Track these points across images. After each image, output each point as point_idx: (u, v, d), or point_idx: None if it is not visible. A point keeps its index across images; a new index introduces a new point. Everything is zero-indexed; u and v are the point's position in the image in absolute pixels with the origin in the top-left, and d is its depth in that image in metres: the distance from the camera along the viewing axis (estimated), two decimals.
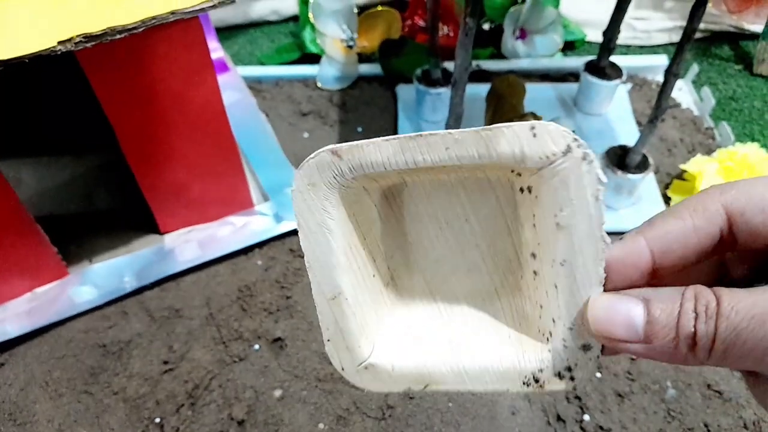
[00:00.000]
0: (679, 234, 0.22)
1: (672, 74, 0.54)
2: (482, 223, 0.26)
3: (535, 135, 0.23)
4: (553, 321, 0.24)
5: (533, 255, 0.25)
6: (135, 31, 0.42)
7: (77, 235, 0.62)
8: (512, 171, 0.24)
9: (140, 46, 0.46)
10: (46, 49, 0.38)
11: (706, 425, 0.50)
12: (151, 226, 0.61)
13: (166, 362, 0.54)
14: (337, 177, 0.25)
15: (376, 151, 0.24)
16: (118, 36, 0.42)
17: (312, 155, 0.25)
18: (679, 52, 0.53)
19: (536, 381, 0.25)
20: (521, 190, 0.25)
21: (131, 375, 0.53)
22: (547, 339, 0.25)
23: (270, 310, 0.57)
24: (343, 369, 0.27)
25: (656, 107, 0.57)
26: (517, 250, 0.26)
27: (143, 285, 0.58)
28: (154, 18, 0.42)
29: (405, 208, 0.27)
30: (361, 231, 0.27)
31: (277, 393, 0.52)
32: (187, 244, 0.61)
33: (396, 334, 0.27)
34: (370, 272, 0.27)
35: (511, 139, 0.23)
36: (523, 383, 0.25)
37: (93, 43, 0.41)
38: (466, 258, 0.27)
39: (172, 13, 0.43)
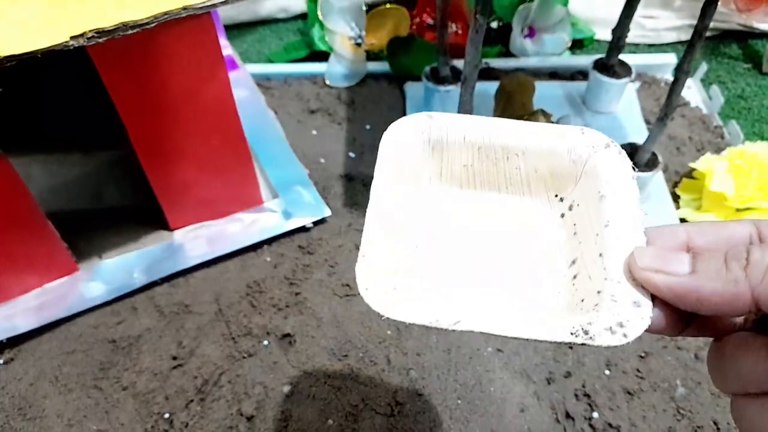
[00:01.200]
0: (720, 231, 0.25)
1: (683, 72, 0.54)
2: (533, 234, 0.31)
3: (583, 133, 0.31)
4: (600, 287, 0.26)
5: (577, 250, 0.29)
6: (147, 27, 0.42)
7: (87, 232, 0.62)
8: (556, 195, 0.31)
9: (152, 41, 0.46)
10: (58, 44, 0.39)
11: (715, 423, 0.50)
12: (160, 223, 0.61)
13: (175, 358, 0.54)
14: (424, 132, 0.31)
15: (458, 120, 0.31)
16: (130, 31, 0.42)
17: (410, 115, 0.32)
18: (690, 50, 0.53)
19: (585, 333, 0.25)
20: (561, 214, 0.31)
21: (141, 370, 0.53)
22: (596, 304, 0.26)
23: (279, 306, 0.57)
24: (367, 289, 0.27)
25: (666, 105, 0.56)
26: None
27: (153, 281, 0.58)
28: (166, 13, 0.43)
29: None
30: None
31: (286, 389, 0.52)
32: (197, 241, 0.61)
33: (434, 267, 0.29)
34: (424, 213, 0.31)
35: (566, 133, 0.31)
36: (571, 333, 0.25)
37: (105, 38, 0.41)
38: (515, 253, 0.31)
39: (185, 8, 0.43)
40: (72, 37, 0.39)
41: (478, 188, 0.32)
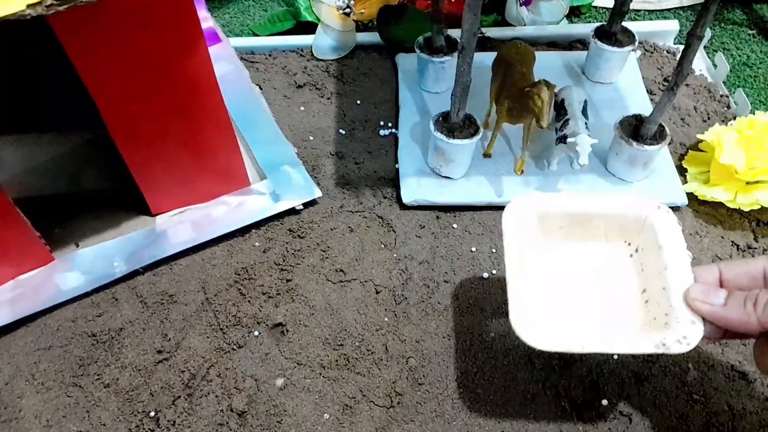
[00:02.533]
0: (742, 267, 0.40)
1: (696, 37, 0.51)
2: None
3: (640, 200, 0.46)
4: (666, 313, 0.41)
5: (646, 282, 0.44)
6: None
7: (63, 218, 0.58)
8: (625, 242, 0.47)
9: (121, 11, 0.41)
10: (14, 14, 0.34)
11: (730, 407, 0.48)
12: (141, 207, 0.58)
13: (160, 351, 0.51)
14: (533, 207, 0.47)
15: (555, 198, 0.48)
16: None
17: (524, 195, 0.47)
18: (704, 12, 0.49)
19: (663, 345, 0.39)
20: (630, 255, 0.47)
21: (123, 366, 0.50)
22: (666, 324, 0.40)
23: (269, 293, 0.54)
24: (517, 328, 0.41)
25: (676, 73, 0.53)
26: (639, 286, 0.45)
27: (134, 269, 0.55)
28: None
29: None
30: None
31: (279, 382, 0.49)
32: (181, 226, 0.57)
33: (552, 300, 0.45)
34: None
35: (628, 200, 0.47)
36: (655, 346, 0.39)
37: (66, 6, 0.37)
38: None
39: None
40: (29, 6, 0.35)
41: (571, 240, 0.48)
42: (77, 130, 0.63)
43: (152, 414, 0.48)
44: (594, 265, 0.46)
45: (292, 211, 0.60)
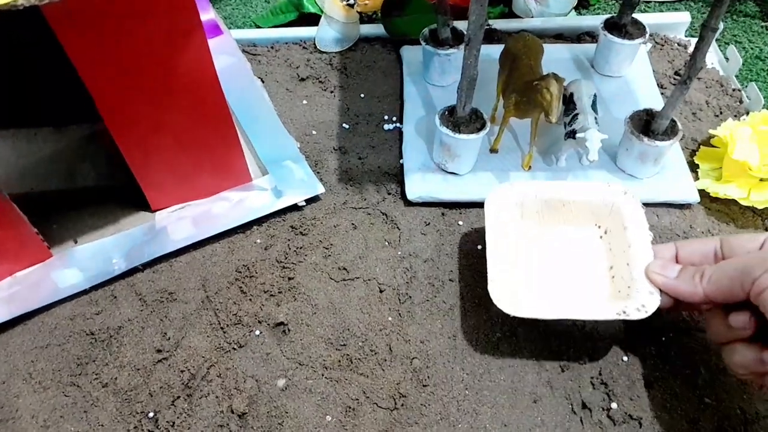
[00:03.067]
0: (696, 246, 0.46)
1: (710, 29, 0.49)
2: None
3: (609, 186, 0.52)
4: (629, 286, 0.47)
5: (613, 260, 0.50)
6: None
7: (60, 214, 0.57)
8: (596, 225, 0.53)
9: (119, 5, 0.40)
10: (6, 4, 0.33)
11: (743, 411, 0.47)
12: (140, 203, 0.57)
13: (159, 350, 0.50)
14: (511, 196, 0.52)
15: (531, 186, 0.52)
16: None
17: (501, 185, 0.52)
18: (718, 4, 0.48)
19: (624, 312, 0.45)
20: (600, 237, 0.52)
21: (122, 365, 0.49)
22: (628, 294, 0.46)
23: (271, 292, 0.53)
24: (498, 300, 0.46)
25: (690, 66, 0.52)
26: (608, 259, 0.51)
27: (133, 267, 0.54)
28: None
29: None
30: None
31: (281, 383, 0.48)
32: (180, 222, 0.56)
33: (536, 286, 0.50)
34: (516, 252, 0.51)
35: (598, 187, 0.52)
36: (616, 313, 0.45)
37: None
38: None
39: None
40: None
41: (546, 224, 0.53)
42: (75, 124, 0.62)
43: (151, 415, 0.47)
44: (568, 245, 0.52)
45: (294, 208, 0.58)
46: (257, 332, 0.51)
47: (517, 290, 0.47)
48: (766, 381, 0.41)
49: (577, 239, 0.52)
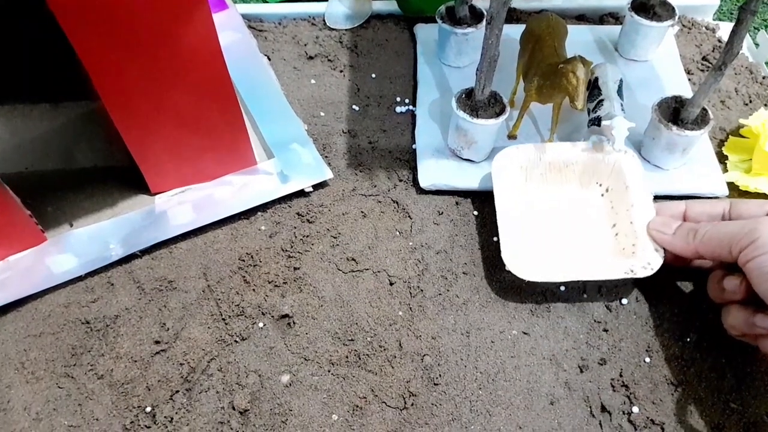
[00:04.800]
0: (705, 207, 0.47)
1: (749, 12, 0.46)
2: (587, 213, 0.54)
3: (608, 146, 0.53)
4: (633, 243, 0.49)
5: (616, 218, 0.52)
6: None
7: (56, 196, 0.54)
8: (597, 183, 0.54)
9: None
10: None
11: None
12: (140, 186, 0.54)
13: (157, 342, 0.47)
14: (516, 158, 0.53)
15: (534, 148, 0.53)
16: None
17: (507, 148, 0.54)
18: None
19: (632, 271, 0.47)
20: (602, 195, 0.54)
21: (118, 356, 0.47)
22: (633, 252, 0.48)
23: (276, 282, 0.50)
24: (511, 265, 0.47)
25: (726, 51, 0.48)
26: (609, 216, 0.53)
27: (131, 253, 0.51)
28: None
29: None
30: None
31: (285, 378, 0.46)
32: (181, 207, 0.53)
33: (544, 249, 0.51)
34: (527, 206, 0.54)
35: (598, 148, 0.53)
36: (624, 273, 0.47)
37: None
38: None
39: None
40: None
41: (551, 185, 0.55)
42: (72, 101, 0.59)
43: (148, 409, 0.44)
44: (571, 205, 0.53)
45: (301, 194, 0.56)
46: (260, 324, 0.48)
47: (527, 254, 0.49)
48: (760, 342, 0.43)
49: (579, 199, 0.54)
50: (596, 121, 0.53)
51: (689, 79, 0.65)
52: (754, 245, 0.39)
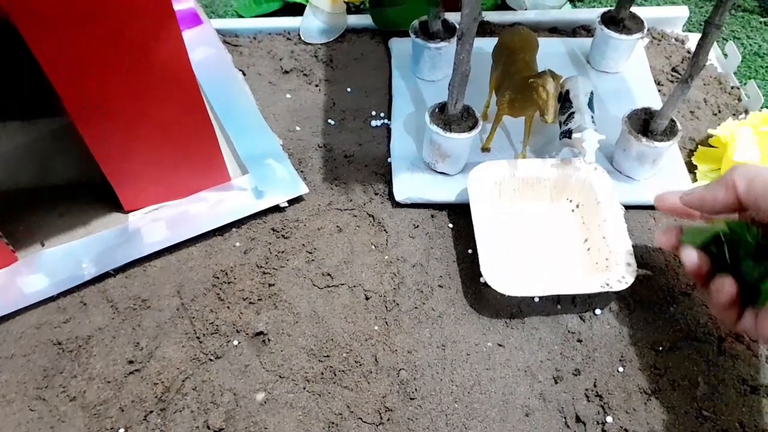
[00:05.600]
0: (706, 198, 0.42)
1: (714, 26, 0.47)
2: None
3: (579, 162, 0.54)
4: (607, 258, 0.50)
5: (587, 233, 0.53)
6: None
7: (28, 214, 0.54)
8: (567, 199, 0.56)
9: None
10: None
11: (742, 425, 0.45)
12: (114, 203, 0.54)
13: (131, 362, 0.47)
14: (491, 174, 0.54)
15: (508, 164, 0.54)
16: None
17: (484, 163, 0.55)
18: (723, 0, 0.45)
19: (607, 284, 0.47)
20: (572, 210, 0.55)
21: (91, 377, 0.46)
22: (606, 267, 0.49)
23: (250, 299, 0.50)
24: (491, 281, 0.48)
25: (692, 65, 0.49)
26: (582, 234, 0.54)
27: (105, 272, 0.51)
28: None
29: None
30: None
31: (260, 396, 0.46)
32: (155, 224, 0.53)
33: (521, 263, 0.52)
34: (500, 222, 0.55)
35: (570, 164, 0.54)
36: (600, 287, 0.47)
37: None
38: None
39: None
40: None
41: (523, 201, 0.56)
42: (43, 117, 0.59)
43: (122, 431, 0.44)
44: (543, 220, 0.55)
45: (276, 209, 0.56)
46: (235, 342, 0.48)
47: (504, 269, 0.50)
48: (738, 326, 0.40)
49: (551, 214, 0.55)
50: (567, 134, 0.54)
51: (659, 90, 0.66)
52: None
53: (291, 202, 0.56)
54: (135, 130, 0.47)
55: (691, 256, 0.42)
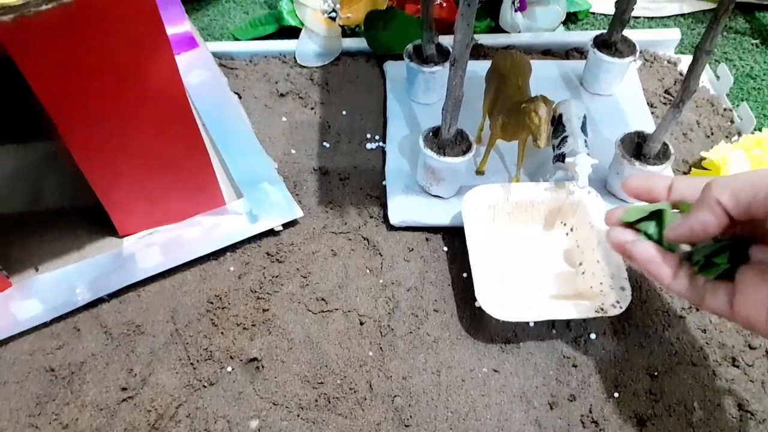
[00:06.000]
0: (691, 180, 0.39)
1: (704, 51, 0.47)
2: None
3: (573, 187, 0.54)
4: (601, 282, 0.49)
5: (581, 257, 0.53)
6: (65, 0, 0.34)
7: (21, 239, 0.54)
8: (561, 222, 0.56)
9: (75, 19, 0.37)
10: None
11: None
12: (108, 228, 0.53)
13: (124, 388, 0.47)
14: (485, 198, 0.54)
15: (502, 188, 0.54)
16: (44, 6, 0.34)
17: (477, 187, 0.55)
18: (713, 26, 0.46)
19: (602, 309, 0.47)
20: (566, 234, 0.56)
21: (84, 404, 0.46)
22: (601, 291, 0.49)
23: (244, 325, 0.50)
24: (486, 306, 0.48)
25: (683, 90, 0.50)
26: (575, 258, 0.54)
27: (98, 297, 0.51)
28: None
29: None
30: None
31: (254, 424, 0.45)
32: (149, 249, 0.53)
33: (515, 288, 0.52)
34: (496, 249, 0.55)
35: (564, 188, 0.54)
36: (595, 311, 0.47)
37: (12, 15, 0.33)
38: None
39: None
40: None
41: (517, 224, 0.56)
42: (37, 141, 0.59)
43: None
44: (537, 244, 0.55)
45: (271, 233, 0.56)
46: (229, 369, 0.48)
47: (499, 294, 0.49)
48: (705, 304, 0.37)
49: (545, 238, 0.55)
50: (561, 158, 0.54)
51: (652, 112, 0.66)
52: None
53: (286, 225, 0.56)
54: (128, 155, 0.47)
55: (617, 232, 0.40)
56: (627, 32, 0.66)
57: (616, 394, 0.47)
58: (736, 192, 0.33)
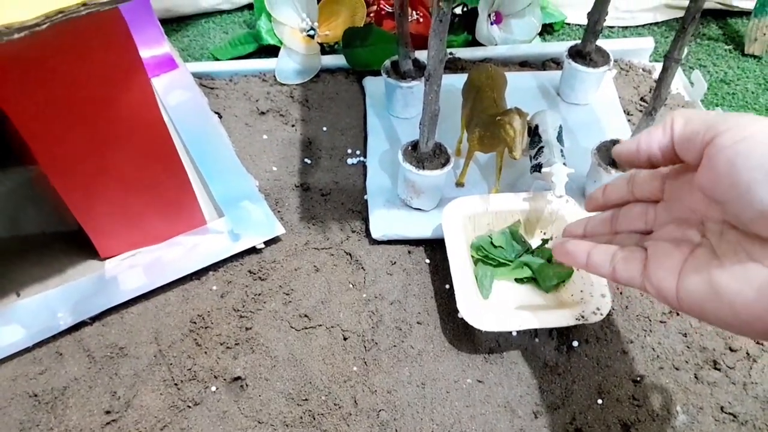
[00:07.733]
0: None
1: (673, 60, 0.48)
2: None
3: (551, 196, 0.53)
4: (581, 290, 0.50)
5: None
6: (38, 29, 0.34)
7: (2, 264, 0.54)
8: (541, 231, 0.56)
9: (49, 46, 0.38)
10: None
11: None
12: (88, 251, 0.53)
13: (108, 412, 0.46)
14: (465, 209, 0.55)
15: (482, 199, 0.55)
16: (16, 35, 0.34)
17: (457, 199, 0.55)
18: (681, 35, 0.47)
19: (582, 317, 0.48)
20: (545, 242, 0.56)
21: (68, 429, 0.46)
22: (581, 299, 0.50)
23: (228, 344, 0.50)
24: (467, 316, 0.48)
25: (654, 97, 0.51)
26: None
27: (81, 320, 0.50)
28: (61, 12, 0.35)
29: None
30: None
31: None
32: (131, 270, 0.53)
33: (497, 299, 0.53)
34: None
35: (543, 197, 0.54)
36: (576, 319, 0.48)
37: None
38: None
39: (84, 5, 0.35)
40: None
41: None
42: (17, 166, 0.59)
43: None
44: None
45: (253, 251, 0.56)
46: (213, 388, 0.48)
47: (480, 304, 0.50)
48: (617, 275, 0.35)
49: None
50: (537, 168, 0.54)
51: (629, 120, 0.67)
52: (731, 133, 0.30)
53: (268, 242, 0.56)
54: (107, 178, 0.47)
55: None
56: (602, 42, 0.67)
57: (599, 401, 0.48)
58: (689, 120, 0.33)
